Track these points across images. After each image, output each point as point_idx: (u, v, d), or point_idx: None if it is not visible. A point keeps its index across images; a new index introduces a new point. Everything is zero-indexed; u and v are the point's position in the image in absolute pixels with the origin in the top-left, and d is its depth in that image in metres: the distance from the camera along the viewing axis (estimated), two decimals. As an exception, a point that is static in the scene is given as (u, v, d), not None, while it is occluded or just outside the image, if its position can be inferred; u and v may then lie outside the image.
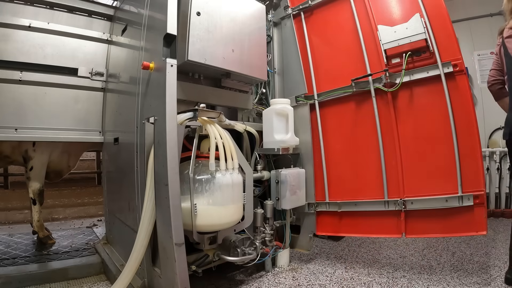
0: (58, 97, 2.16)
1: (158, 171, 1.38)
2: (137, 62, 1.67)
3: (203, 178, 1.50)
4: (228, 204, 1.53)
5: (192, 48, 1.55)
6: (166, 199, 1.29)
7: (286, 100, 2.11)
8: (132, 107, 1.70)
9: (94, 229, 2.97)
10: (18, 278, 1.76)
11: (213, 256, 1.64)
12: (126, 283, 1.41)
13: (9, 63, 2.00)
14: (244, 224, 1.73)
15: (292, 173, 2.00)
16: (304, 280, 1.85)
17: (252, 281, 1.86)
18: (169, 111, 1.32)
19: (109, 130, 2.24)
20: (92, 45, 2.32)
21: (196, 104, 1.72)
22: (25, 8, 2.11)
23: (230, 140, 1.59)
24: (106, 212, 2.41)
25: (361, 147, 2.01)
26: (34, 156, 2.37)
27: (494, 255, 2.17)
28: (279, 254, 2.07)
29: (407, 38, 1.77)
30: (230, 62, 1.73)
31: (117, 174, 2.11)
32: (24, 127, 2.04)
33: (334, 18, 2.16)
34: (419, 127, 1.79)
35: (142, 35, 1.65)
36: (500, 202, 3.50)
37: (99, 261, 2.01)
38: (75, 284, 1.82)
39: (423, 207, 1.71)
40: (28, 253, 2.17)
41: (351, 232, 2.07)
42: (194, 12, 1.57)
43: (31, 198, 2.39)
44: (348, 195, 2.04)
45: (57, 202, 4.04)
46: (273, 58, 2.43)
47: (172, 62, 1.35)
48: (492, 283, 1.72)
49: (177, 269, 1.26)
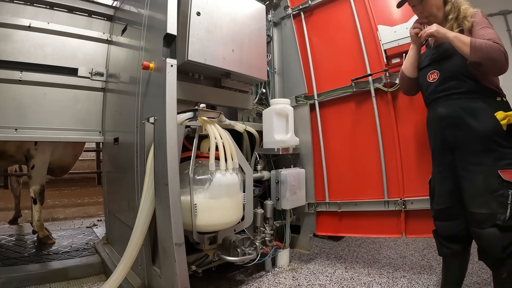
0: (58, 97, 2.16)
1: (158, 171, 1.38)
2: (137, 62, 1.67)
3: (203, 178, 1.50)
4: (228, 204, 1.53)
5: (192, 48, 1.55)
6: (166, 199, 1.29)
7: (286, 100, 2.11)
8: (132, 107, 1.70)
9: (94, 229, 2.97)
10: (18, 278, 1.76)
11: (213, 256, 1.64)
12: (116, 284, 1.41)
13: (9, 63, 2.00)
14: (244, 224, 1.73)
15: (292, 173, 2.00)
16: (304, 280, 1.85)
17: (252, 281, 1.86)
18: (169, 111, 1.32)
19: (109, 130, 2.24)
20: (92, 45, 2.32)
21: (196, 104, 1.72)
22: (25, 8, 2.11)
23: (230, 140, 1.59)
24: (106, 212, 2.41)
25: (361, 147, 2.01)
26: (36, 155, 2.38)
27: (494, 255, 2.17)
28: (279, 254, 2.07)
29: (407, 38, 1.77)
30: (230, 62, 1.73)
31: (117, 174, 2.11)
32: (24, 127, 2.04)
33: (334, 18, 2.16)
34: (419, 127, 1.79)
35: (142, 35, 1.65)
36: (500, 202, 3.49)
37: (99, 261, 2.01)
38: (75, 284, 1.83)
39: (423, 207, 1.71)
40: (28, 253, 2.17)
41: (351, 232, 2.07)
42: (194, 12, 1.57)
43: (32, 197, 2.40)
44: (348, 195, 2.04)
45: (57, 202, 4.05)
46: (273, 58, 2.43)
47: (172, 62, 1.35)
48: (492, 283, 1.72)
49: (177, 269, 1.26)
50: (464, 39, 1.24)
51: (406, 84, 1.57)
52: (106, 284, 1.40)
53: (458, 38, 1.26)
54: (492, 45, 1.20)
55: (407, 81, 1.55)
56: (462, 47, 1.24)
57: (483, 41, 1.21)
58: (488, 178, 1.23)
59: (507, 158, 1.24)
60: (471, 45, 1.21)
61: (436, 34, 1.29)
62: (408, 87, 1.58)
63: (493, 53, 1.19)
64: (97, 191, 4.46)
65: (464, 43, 1.23)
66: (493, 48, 1.19)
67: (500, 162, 1.23)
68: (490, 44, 1.20)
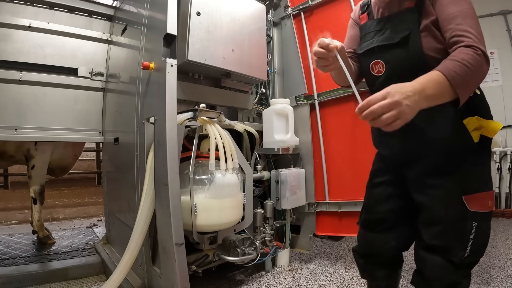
0: (58, 97, 2.16)
1: (158, 171, 1.38)
2: (137, 62, 1.67)
3: (203, 178, 1.50)
4: (228, 204, 1.53)
5: (192, 48, 1.55)
6: (166, 199, 1.29)
7: (286, 100, 2.11)
8: (132, 107, 1.70)
9: (94, 229, 2.96)
10: (18, 278, 1.76)
11: (213, 256, 1.64)
12: (116, 284, 1.41)
13: (9, 63, 2.00)
14: (244, 224, 1.73)
15: (292, 173, 2.00)
16: (304, 280, 1.85)
17: (252, 281, 1.86)
18: (169, 111, 1.32)
19: (109, 130, 2.24)
20: (92, 45, 2.32)
21: (196, 104, 1.72)
22: (25, 8, 2.11)
23: (230, 140, 1.59)
24: (106, 212, 2.41)
25: (361, 147, 2.01)
26: (36, 155, 2.38)
27: (494, 255, 2.17)
28: (279, 254, 2.07)
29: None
30: (230, 62, 1.73)
31: (117, 174, 2.11)
32: (24, 127, 2.04)
33: (334, 18, 2.16)
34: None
35: (142, 35, 1.65)
36: (500, 202, 3.50)
37: (99, 261, 2.01)
38: (75, 284, 1.83)
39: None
40: (28, 253, 2.17)
41: (351, 232, 2.07)
42: (194, 12, 1.57)
43: (32, 197, 2.40)
44: (348, 195, 2.04)
45: (57, 202, 4.05)
46: (273, 58, 2.43)
47: (172, 62, 1.35)
48: (492, 283, 1.72)
49: (177, 269, 1.26)
50: (437, 84, 0.75)
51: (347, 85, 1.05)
52: (106, 284, 1.40)
53: (432, 93, 0.74)
54: (469, 64, 0.76)
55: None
56: (444, 96, 0.77)
57: (456, 65, 0.76)
58: (448, 205, 0.91)
59: (475, 180, 0.91)
60: (453, 85, 0.75)
61: (401, 123, 0.72)
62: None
63: (475, 76, 0.78)
64: (97, 191, 4.47)
65: (443, 91, 0.75)
66: (472, 68, 0.76)
67: (465, 184, 0.90)
68: (466, 62, 0.76)
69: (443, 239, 0.92)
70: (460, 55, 0.78)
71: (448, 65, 0.77)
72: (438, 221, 0.93)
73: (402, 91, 0.72)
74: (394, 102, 0.71)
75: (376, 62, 1.02)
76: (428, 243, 0.95)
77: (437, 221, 0.93)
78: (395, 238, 1.09)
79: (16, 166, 3.28)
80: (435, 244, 0.93)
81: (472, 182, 0.91)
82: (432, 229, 0.95)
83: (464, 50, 0.79)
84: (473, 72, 0.76)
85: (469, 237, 0.89)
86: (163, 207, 1.34)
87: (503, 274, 1.80)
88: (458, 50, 0.80)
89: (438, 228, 0.93)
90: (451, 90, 0.75)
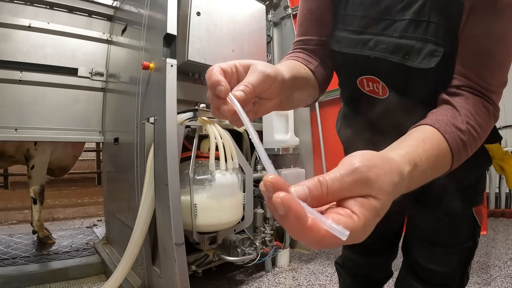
0: (58, 97, 2.16)
1: (158, 171, 1.38)
2: (137, 62, 1.67)
3: (203, 178, 1.50)
4: (228, 204, 1.53)
5: (192, 48, 1.55)
6: (166, 199, 1.29)
7: (286, 100, 2.10)
8: (132, 107, 1.70)
9: (94, 229, 2.96)
10: (18, 278, 1.76)
11: (213, 256, 1.64)
12: (117, 284, 1.41)
13: (9, 63, 2.00)
14: (244, 224, 1.73)
15: (292, 173, 2.00)
16: (304, 280, 1.85)
17: (252, 281, 1.86)
18: (169, 111, 1.32)
19: (109, 130, 2.24)
20: (92, 45, 2.32)
21: (196, 104, 1.72)
22: (25, 8, 2.11)
23: (230, 140, 1.59)
24: (106, 212, 2.41)
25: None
26: (36, 155, 2.38)
27: (494, 255, 2.17)
28: (279, 254, 2.07)
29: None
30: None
31: (117, 174, 2.12)
32: (24, 127, 2.04)
33: (334, 18, 2.16)
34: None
35: (142, 35, 1.65)
36: (500, 202, 3.50)
37: (99, 261, 2.01)
38: (75, 284, 1.82)
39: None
40: (28, 253, 2.17)
41: (351, 232, 2.06)
42: (194, 12, 1.57)
43: (32, 197, 2.40)
44: (348, 195, 2.04)
45: (57, 202, 4.05)
46: (273, 58, 2.43)
47: (172, 62, 1.35)
48: (492, 283, 1.72)
49: (177, 269, 1.26)
50: (435, 162, 0.43)
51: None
52: (106, 284, 1.40)
53: (419, 173, 0.40)
54: (481, 132, 0.50)
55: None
56: (440, 172, 0.47)
57: (466, 135, 0.47)
58: (454, 220, 0.69)
59: (480, 189, 0.71)
60: (454, 160, 0.47)
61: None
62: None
63: (479, 144, 0.51)
64: (97, 191, 4.47)
65: (441, 168, 0.47)
66: (482, 137, 0.51)
67: (474, 195, 0.70)
68: (478, 130, 0.49)
69: (445, 264, 0.72)
70: (473, 118, 0.49)
71: (455, 134, 0.47)
72: (439, 241, 0.72)
73: (389, 190, 0.33)
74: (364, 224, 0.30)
75: (371, 79, 0.63)
76: (423, 267, 0.75)
77: (438, 242, 0.72)
78: (388, 258, 0.96)
79: (16, 166, 3.27)
80: (433, 269, 0.73)
81: (478, 191, 0.71)
82: (430, 250, 0.73)
83: (479, 104, 0.51)
84: (481, 141, 0.51)
85: (470, 259, 0.73)
86: (163, 207, 1.34)
87: (503, 274, 1.80)
88: (471, 102, 0.51)
89: (439, 250, 0.72)
90: (446, 163, 0.47)
